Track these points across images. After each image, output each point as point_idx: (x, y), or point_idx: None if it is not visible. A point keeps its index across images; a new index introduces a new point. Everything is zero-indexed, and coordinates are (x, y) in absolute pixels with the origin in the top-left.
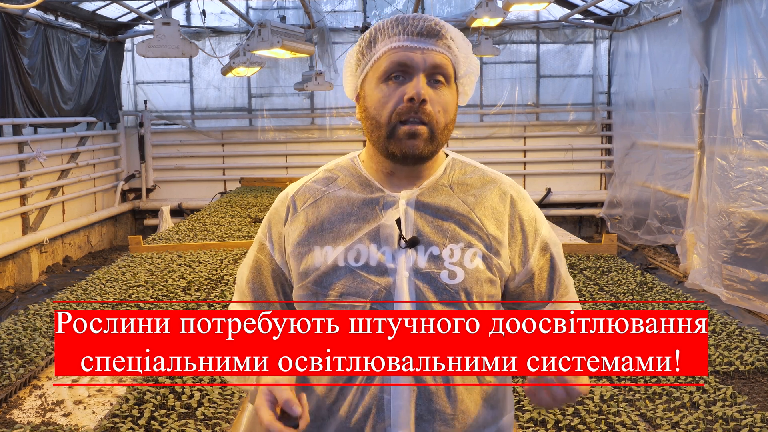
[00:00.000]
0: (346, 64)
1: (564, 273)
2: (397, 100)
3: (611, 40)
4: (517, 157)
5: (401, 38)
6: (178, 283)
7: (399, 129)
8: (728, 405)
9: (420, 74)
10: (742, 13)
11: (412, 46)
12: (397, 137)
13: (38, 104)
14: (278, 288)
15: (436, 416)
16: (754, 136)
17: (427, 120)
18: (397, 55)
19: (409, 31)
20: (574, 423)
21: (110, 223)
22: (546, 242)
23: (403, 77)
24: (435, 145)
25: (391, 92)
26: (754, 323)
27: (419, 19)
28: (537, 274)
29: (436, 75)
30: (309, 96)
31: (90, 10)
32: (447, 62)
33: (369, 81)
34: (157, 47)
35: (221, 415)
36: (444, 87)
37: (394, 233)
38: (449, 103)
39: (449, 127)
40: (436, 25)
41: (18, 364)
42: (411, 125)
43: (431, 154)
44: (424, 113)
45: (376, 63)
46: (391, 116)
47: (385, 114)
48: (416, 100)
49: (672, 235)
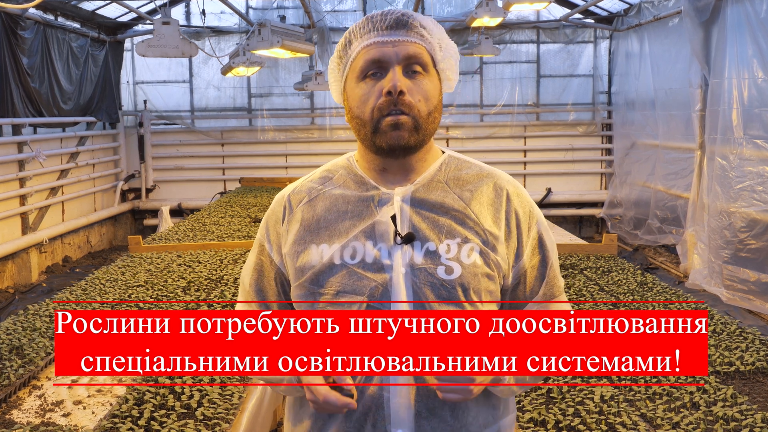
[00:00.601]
0: (329, 71)
1: (555, 273)
2: (377, 96)
3: (611, 39)
4: (517, 157)
5: (372, 35)
6: (177, 283)
7: (382, 122)
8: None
9: (395, 67)
10: (742, 13)
11: (383, 41)
12: (382, 131)
13: (38, 104)
14: (279, 289)
15: (436, 414)
16: (755, 136)
17: (408, 110)
18: (370, 53)
19: (379, 27)
20: (574, 423)
21: (110, 223)
22: (541, 239)
23: (379, 73)
24: (421, 134)
25: (370, 89)
26: (754, 323)
27: (387, 13)
28: (529, 271)
29: (412, 65)
30: (309, 96)
31: (89, 10)
32: (421, 50)
33: (349, 82)
34: (157, 47)
35: (221, 416)
36: (422, 76)
37: (389, 230)
38: (430, 90)
39: (434, 115)
40: (404, 15)
41: (17, 365)
42: (393, 116)
43: (418, 143)
44: (404, 104)
45: (352, 64)
46: (373, 112)
47: (367, 111)
48: (393, 93)
49: (672, 235)
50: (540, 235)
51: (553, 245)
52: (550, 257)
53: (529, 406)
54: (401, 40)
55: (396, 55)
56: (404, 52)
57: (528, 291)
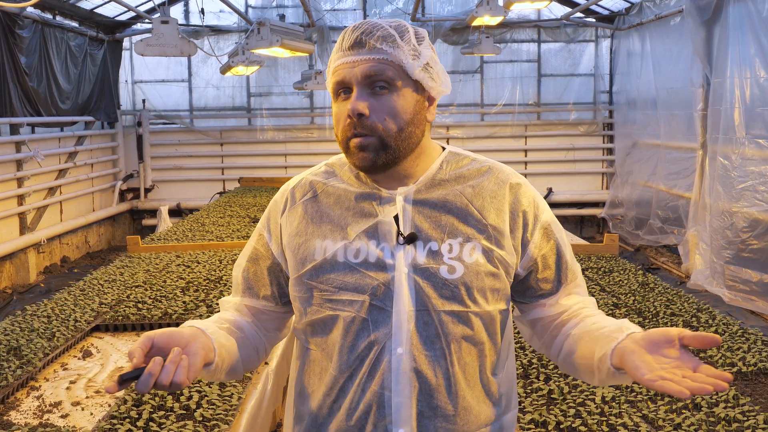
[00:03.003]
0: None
1: (570, 259)
2: (345, 117)
3: (613, 38)
4: (518, 157)
5: (338, 55)
6: (176, 283)
7: (350, 144)
8: (731, 406)
9: (355, 88)
10: (744, 12)
11: (346, 62)
12: (351, 152)
13: (36, 103)
14: (272, 278)
15: (438, 413)
16: (757, 136)
17: (371, 132)
18: (336, 74)
19: (344, 47)
20: (575, 425)
21: (108, 223)
22: (548, 227)
23: (345, 93)
24: (391, 152)
25: (340, 110)
26: (756, 324)
27: (351, 31)
28: (540, 261)
29: (376, 83)
30: (308, 95)
31: (88, 9)
32: (384, 67)
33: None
34: (156, 46)
35: (220, 417)
36: (387, 92)
37: (392, 230)
38: (398, 106)
39: (410, 129)
40: (363, 33)
41: (15, 365)
42: (357, 138)
43: (390, 161)
44: (365, 126)
45: (329, 82)
46: (342, 133)
47: (339, 131)
48: (353, 116)
49: (674, 235)
50: (547, 223)
51: (561, 232)
52: (561, 245)
53: (530, 407)
54: (359, 59)
55: (355, 76)
56: (363, 71)
57: (543, 282)
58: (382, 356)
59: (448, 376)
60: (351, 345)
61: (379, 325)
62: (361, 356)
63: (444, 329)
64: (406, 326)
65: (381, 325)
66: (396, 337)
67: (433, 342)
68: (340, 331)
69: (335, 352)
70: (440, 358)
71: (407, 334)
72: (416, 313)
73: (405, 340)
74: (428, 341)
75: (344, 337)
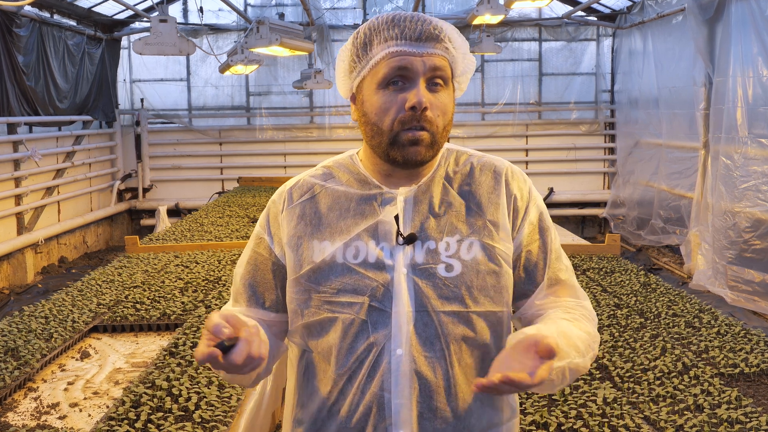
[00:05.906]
0: (338, 64)
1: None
2: (399, 108)
3: (614, 37)
4: (519, 157)
5: (399, 42)
6: (175, 284)
7: (402, 136)
8: (733, 408)
9: (420, 80)
10: (747, 10)
11: (411, 51)
12: (400, 144)
13: (33, 103)
14: (277, 281)
15: (438, 414)
16: (760, 135)
17: (428, 126)
18: (396, 61)
19: (408, 35)
20: (576, 426)
21: (106, 223)
22: (537, 220)
23: (402, 83)
24: (435, 149)
25: (392, 99)
26: (759, 325)
27: (417, 22)
28: (528, 252)
29: (435, 78)
30: (308, 94)
31: (86, 7)
32: (445, 64)
33: (367, 85)
34: (154, 45)
35: (219, 418)
36: (442, 89)
37: (392, 230)
38: (447, 105)
39: (447, 128)
40: (435, 29)
41: (13, 366)
42: (413, 132)
43: (432, 157)
44: (426, 120)
45: (374, 68)
46: (393, 124)
47: (387, 122)
48: (418, 108)
49: (676, 235)
50: (538, 215)
51: (551, 226)
52: (551, 238)
53: (531, 408)
54: (429, 52)
55: (423, 66)
56: (431, 64)
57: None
58: (382, 358)
59: (448, 377)
60: (350, 347)
61: (379, 327)
62: (361, 358)
63: (443, 330)
64: (405, 327)
65: (380, 327)
66: (395, 339)
67: (432, 343)
68: (338, 333)
69: (333, 355)
70: (440, 359)
71: (407, 335)
72: (415, 314)
73: (404, 341)
74: (428, 342)
75: (343, 339)
